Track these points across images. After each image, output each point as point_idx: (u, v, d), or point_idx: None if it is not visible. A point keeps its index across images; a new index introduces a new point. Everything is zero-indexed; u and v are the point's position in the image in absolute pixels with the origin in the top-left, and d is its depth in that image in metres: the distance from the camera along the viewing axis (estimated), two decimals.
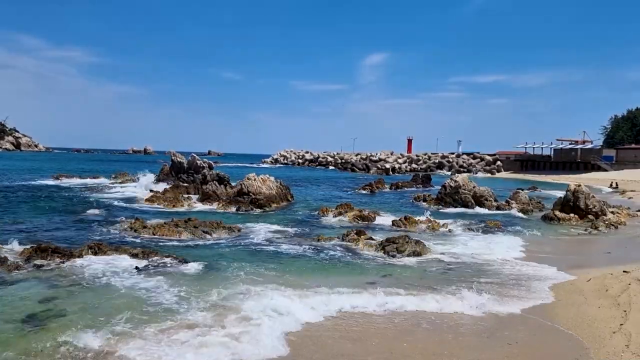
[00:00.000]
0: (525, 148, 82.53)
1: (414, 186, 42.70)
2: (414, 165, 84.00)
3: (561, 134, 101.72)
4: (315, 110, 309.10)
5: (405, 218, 19.93)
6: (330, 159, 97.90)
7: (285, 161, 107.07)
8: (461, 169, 77.71)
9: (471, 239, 16.95)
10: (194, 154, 37.91)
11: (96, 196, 26.30)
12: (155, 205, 24.14)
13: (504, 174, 76.55)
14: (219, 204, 24.36)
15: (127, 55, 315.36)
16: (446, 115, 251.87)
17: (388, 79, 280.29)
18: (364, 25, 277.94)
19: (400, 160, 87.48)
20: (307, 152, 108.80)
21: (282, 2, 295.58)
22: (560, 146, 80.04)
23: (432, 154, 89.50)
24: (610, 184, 50.96)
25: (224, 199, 24.94)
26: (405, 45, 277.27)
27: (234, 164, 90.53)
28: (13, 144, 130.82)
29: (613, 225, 20.94)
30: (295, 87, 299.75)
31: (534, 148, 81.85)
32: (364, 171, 79.32)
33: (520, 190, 30.31)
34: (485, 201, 27.09)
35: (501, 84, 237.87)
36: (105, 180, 36.36)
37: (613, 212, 23.67)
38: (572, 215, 22.63)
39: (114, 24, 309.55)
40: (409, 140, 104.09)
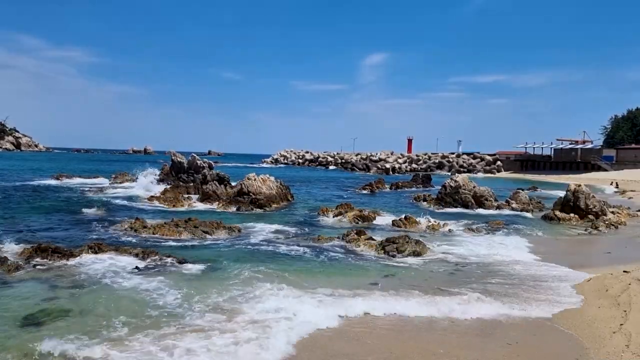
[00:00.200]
0: (525, 148, 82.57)
1: (414, 186, 42.70)
2: (414, 165, 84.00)
3: (561, 134, 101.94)
4: (315, 110, 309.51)
5: (406, 218, 19.93)
6: (330, 158, 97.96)
7: (286, 161, 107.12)
8: (461, 169, 77.68)
9: (472, 239, 16.94)
10: (194, 154, 37.88)
11: (96, 196, 26.29)
12: (155, 205, 24.16)
13: (504, 174, 76.53)
14: (219, 204, 24.38)
15: (127, 55, 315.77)
16: (446, 115, 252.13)
17: (388, 79, 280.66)
18: (364, 25, 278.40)
19: (400, 160, 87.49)
20: (307, 152, 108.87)
21: (282, 2, 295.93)
22: (560, 146, 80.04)
23: (432, 154, 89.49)
24: (611, 184, 50.96)
25: (224, 199, 24.94)
26: (405, 45, 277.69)
27: (234, 164, 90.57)
28: (13, 144, 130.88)
29: (613, 225, 20.94)
30: (295, 87, 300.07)
31: (534, 148, 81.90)
32: (364, 171, 79.45)
33: (520, 190, 30.30)
34: (486, 201, 27.10)
35: (501, 84, 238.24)
36: (105, 180, 36.36)
37: (613, 212, 23.68)
38: (572, 215, 22.64)
39: (114, 24, 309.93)
40: (409, 140, 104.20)
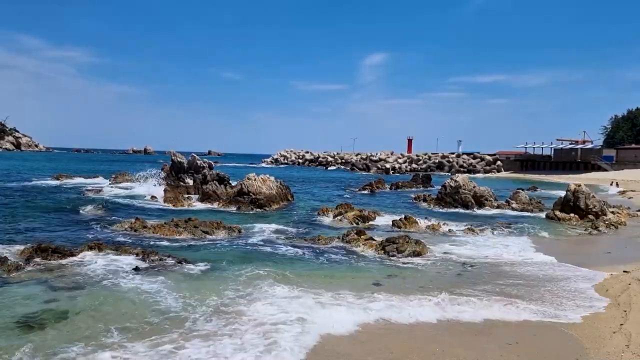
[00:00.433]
0: (525, 148, 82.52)
1: (414, 186, 42.70)
2: (414, 165, 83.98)
3: (561, 134, 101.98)
4: (315, 110, 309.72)
5: (406, 218, 19.92)
6: (330, 158, 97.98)
7: (286, 161, 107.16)
8: (461, 169, 77.64)
9: (473, 239, 16.93)
10: (194, 154, 37.90)
11: (96, 196, 26.26)
12: (155, 205, 24.14)
13: (504, 174, 76.50)
14: (219, 203, 24.38)
15: (127, 55, 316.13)
16: (446, 115, 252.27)
17: (388, 79, 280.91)
18: (364, 25, 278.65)
19: (400, 160, 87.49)
20: (307, 152, 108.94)
21: (282, 2, 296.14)
22: (560, 146, 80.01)
23: (432, 154, 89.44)
24: (611, 184, 50.94)
25: (224, 198, 24.93)
26: (405, 45, 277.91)
27: (234, 164, 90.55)
28: (13, 144, 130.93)
29: (613, 225, 20.93)
30: (295, 87, 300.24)
31: (534, 148, 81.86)
32: (364, 171, 79.53)
33: (520, 190, 30.28)
34: (486, 201, 27.10)
35: (501, 84, 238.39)
36: (105, 180, 36.31)
37: (613, 212, 23.66)
38: (572, 215, 22.63)
39: (114, 24, 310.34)
40: (409, 140, 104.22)
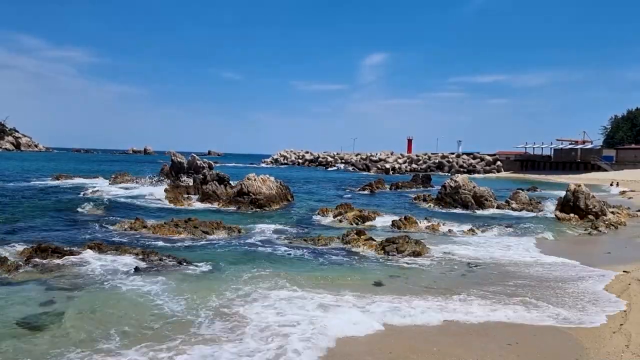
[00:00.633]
0: (525, 148, 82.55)
1: (414, 186, 42.69)
2: (414, 165, 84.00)
3: (561, 134, 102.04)
4: (315, 110, 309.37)
5: (406, 218, 19.92)
6: (330, 159, 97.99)
7: (286, 161, 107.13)
8: (461, 169, 77.60)
9: (473, 240, 16.93)
10: (194, 154, 37.93)
11: (96, 196, 26.27)
12: (155, 205, 24.13)
13: (503, 174, 76.51)
14: (219, 204, 24.39)
15: (127, 55, 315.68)
16: (446, 115, 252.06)
17: (388, 79, 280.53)
18: (364, 25, 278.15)
19: (400, 160, 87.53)
20: (307, 152, 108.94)
21: (282, 2, 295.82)
22: (560, 146, 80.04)
23: (432, 154, 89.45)
24: (611, 184, 50.94)
25: (224, 199, 24.94)
26: (405, 45, 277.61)
27: (234, 164, 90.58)
28: (13, 144, 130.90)
29: (613, 225, 20.93)
30: (295, 87, 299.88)
31: (534, 148, 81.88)
32: (364, 171, 79.63)
33: (520, 191, 30.30)
34: (486, 201, 27.09)
35: (501, 84, 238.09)
36: (105, 181, 36.31)
37: (613, 212, 23.66)
38: (572, 215, 22.62)
39: (114, 24, 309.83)
40: (409, 140, 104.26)
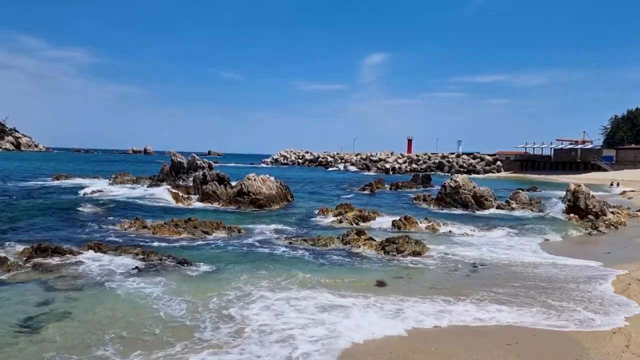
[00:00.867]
0: (525, 148, 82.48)
1: (414, 186, 42.67)
2: (414, 165, 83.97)
3: (561, 134, 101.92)
4: (315, 110, 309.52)
5: (406, 218, 19.91)
6: (330, 159, 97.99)
7: (285, 161, 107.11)
8: (461, 169, 77.51)
9: (473, 240, 16.92)
10: (194, 154, 37.82)
11: (96, 196, 26.28)
12: (155, 205, 24.11)
13: (503, 174, 76.47)
14: (219, 204, 24.40)
15: (127, 55, 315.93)
16: (446, 115, 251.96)
17: (388, 79, 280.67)
18: (364, 25, 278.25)
19: (400, 160, 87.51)
20: (307, 152, 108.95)
21: (282, 2, 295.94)
22: (560, 146, 79.98)
23: (432, 154, 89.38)
24: (611, 184, 50.92)
25: (224, 199, 24.95)
26: (405, 45, 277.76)
27: (234, 164, 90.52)
28: (13, 144, 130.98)
29: (613, 225, 20.93)
30: (295, 87, 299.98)
31: (534, 148, 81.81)
32: (364, 171, 79.69)
33: (520, 191, 30.27)
34: (486, 201, 27.07)
35: (501, 84, 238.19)
36: (104, 181, 36.33)
37: (613, 212, 23.66)
38: (572, 215, 22.63)
39: (114, 24, 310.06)
40: (409, 140, 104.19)
